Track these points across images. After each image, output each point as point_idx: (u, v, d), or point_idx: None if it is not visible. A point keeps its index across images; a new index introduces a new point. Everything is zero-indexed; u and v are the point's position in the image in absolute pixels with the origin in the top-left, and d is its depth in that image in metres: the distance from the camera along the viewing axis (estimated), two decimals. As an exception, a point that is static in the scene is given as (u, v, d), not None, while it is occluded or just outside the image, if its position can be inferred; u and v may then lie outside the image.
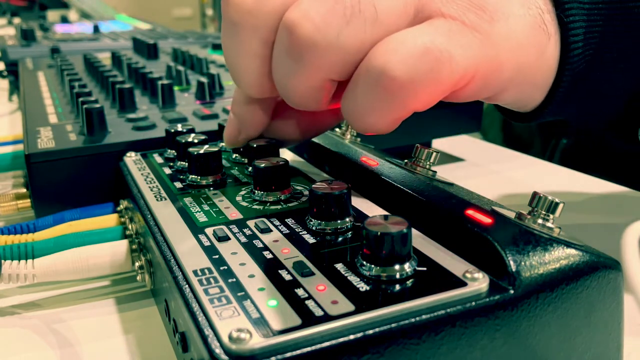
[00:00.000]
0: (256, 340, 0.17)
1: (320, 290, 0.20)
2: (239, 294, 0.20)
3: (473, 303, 0.19)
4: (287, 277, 0.21)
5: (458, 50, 0.23)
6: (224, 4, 0.25)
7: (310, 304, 0.19)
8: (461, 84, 0.24)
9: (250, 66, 0.26)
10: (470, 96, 0.26)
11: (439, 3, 0.23)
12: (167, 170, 0.34)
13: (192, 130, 0.36)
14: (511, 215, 0.23)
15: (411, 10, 0.24)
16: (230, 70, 0.27)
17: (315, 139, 0.34)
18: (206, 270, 0.22)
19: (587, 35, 0.27)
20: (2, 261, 0.29)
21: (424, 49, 0.22)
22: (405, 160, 0.29)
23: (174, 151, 0.36)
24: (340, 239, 0.24)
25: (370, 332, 0.18)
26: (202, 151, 0.31)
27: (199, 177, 0.31)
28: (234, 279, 0.21)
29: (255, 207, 0.28)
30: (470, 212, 0.23)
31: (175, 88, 0.53)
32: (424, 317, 0.18)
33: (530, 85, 0.28)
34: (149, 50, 0.75)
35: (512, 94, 0.27)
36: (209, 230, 0.25)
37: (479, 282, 0.20)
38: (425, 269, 0.21)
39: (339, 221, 0.24)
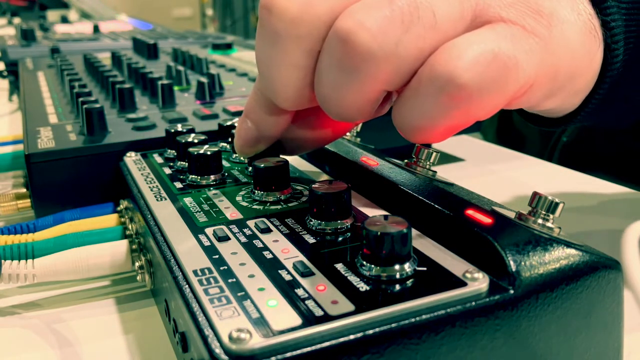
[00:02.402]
0: (256, 340, 0.17)
1: (320, 290, 0.20)
2: (239, 294, 0.20)
3: (473, 303, 0.19)
4: (287, 277, 0.21)
5: (523, 57, 0.22)
6: (264, 13, 0.24)
7: (310, 304, 0.19)
8: (521, 92, 0.23)
9: (291, 78, 0.24)
10: (522, 104, 0.25)
11: (497, 8, 0.22)
12: (167, 170, 0.34)
13: (192, 130, 0.36)
14: (511, 215, 0.23)
15: (468, 16, 0.22)
16: (265, 82, 0.26)
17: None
18: (206, 270, 0.22)
19: (626, 40, 0.27)
20: (2, 261, 0.29)
21: (492, 55, 0.21)
22: (405, 160, 0.29)
23: (174, 151, 0.36)
24: (340, 239, 0.24)
25: (370, 332, 0.18)
26: (202, 151, 0.31)
27: (199, 177, 0.31)
28: (234, 279, 0.21)
29: (255, 207, 0.28)
30: (470, 212, 0.23)
31: (175, 88, 0.53)
32: (424, 317, 0.18)
33: (574, 91, 0.27)
34: (149, 50, 0.75)
35: (556, 101, 0.26)
36: (209, 230, 0.25)
37: (479, 282, 0.20)
38: (425, 269, 0.21)
39: (339, 221, 0.24)
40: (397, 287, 0.20)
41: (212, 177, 0.31)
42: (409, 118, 0.23)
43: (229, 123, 0.37)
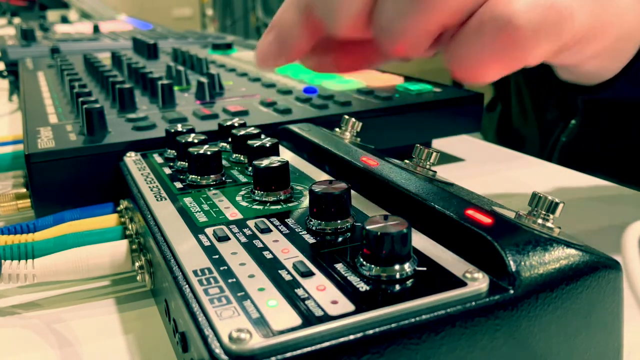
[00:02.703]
0: (256, 341, 0.17)
1: (320, 290, 0.20)
2: (239, 294, 0.20)
3: (473, 303, 0.19)
4: (287, 277, 0.21)
5: (577, 6, 0.23)
6: None
7: (310, 304, 0.19)
8: (572, 42, 0.24)
9: (353, 3, 0.24)
10: (569, 57, 0.25)
11: None
12: (167, 170, 0.34)
13: (192, 130, 0.36)
14: (511, 215, 0.23)
15: None
16: (322, 4, 0.26)
17: (315, 139, 0.35)
18: (206, 270, 0.22)
19: None
20: (2, 261, 0.29)
21: (550, 1, 0.22)
22: (405, 160, 0.29)
23: (174, 151, 0.36)
24: (340, 239, 0.24)
25: (370, 332, 0.18)
26: (202, 151, 0.31)
27: (199, 177, 0.31)
28: (234, 279, 0.21)
29: (255, 207, 0.28)
30: (470, 212, 0.23)
31: (175, 88, 0.53)
32: (424, 317, 0.18)
33: (619, 53, 0.28)
34: (149, 50, 0.75)
35: (601, 61, 0.27)
36: (209, 230, 0.25)
37: (479, 282, 0.20)
38: (425, 269, 0.21)
39: (339, 221, 0.24)
40: (397, 287, 0.20)
41: (212, 177, 0.31)
42: (464, 57, 0.24)
43: (228, 123, 0.37)
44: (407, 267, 0.20)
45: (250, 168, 0.32)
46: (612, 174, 0.49)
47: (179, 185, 0.31)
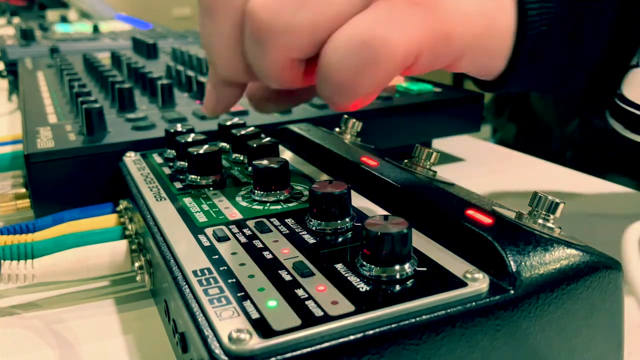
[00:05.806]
0: (256, 341, 0.17)
1: (320, 291, 0.20)
2: (238, 294, 0.20)
3: (473, 303, 0.19)
4: (287, 278, 0.21)
5: (395, 33, 0.23)
6: None
7: (310, 304, 0.19)
8: (409, 61, 0.25)
9: (223, 47, 0.27)
10: (424, 69, 0.27)
11: None
12: (167, 170, 0.34)
13: (191, 130, 0.36)
14: (511, 215, 0.23)
15: None
16: (206, 52, 0.28)
17: (315, 139, 0.34)
18: (206, 271, 0.22)
19: (542, 7, 0.29)
20: (2, 261, 0.29)
21: (359, 42, 0.23)
22: (405, 160, 0.29)
23: (173, 151, 0.36)
24: (340, 239, 0.24)
25: (371, 332, 0.18)
26: (202, 151, 0.31)
27: (198, 177, 0.31)
28: (234, 280, 0.21)
29: (255, 207, 0.28)
30: (470, 212, 0.23)
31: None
32: (424, 317, 0.18)
33: (484, 53, 0.29)
34: (148, 50, 0.75)
35: (468, 62, 0.28)
36: (208, 231, 0.25)
37: (479, 282, 0.20)
38: (425, 269, 0.21)
39: (339, 221, 0.24)
40: (397, 287, 0.20)
41: (212, 177, 0.31)
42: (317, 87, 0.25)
43: (228, 123, 0.37)
44: (408, 267, 0.20)
45: (250, 168, 0.32)
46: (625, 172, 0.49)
47: (178, 185, 0.31)
